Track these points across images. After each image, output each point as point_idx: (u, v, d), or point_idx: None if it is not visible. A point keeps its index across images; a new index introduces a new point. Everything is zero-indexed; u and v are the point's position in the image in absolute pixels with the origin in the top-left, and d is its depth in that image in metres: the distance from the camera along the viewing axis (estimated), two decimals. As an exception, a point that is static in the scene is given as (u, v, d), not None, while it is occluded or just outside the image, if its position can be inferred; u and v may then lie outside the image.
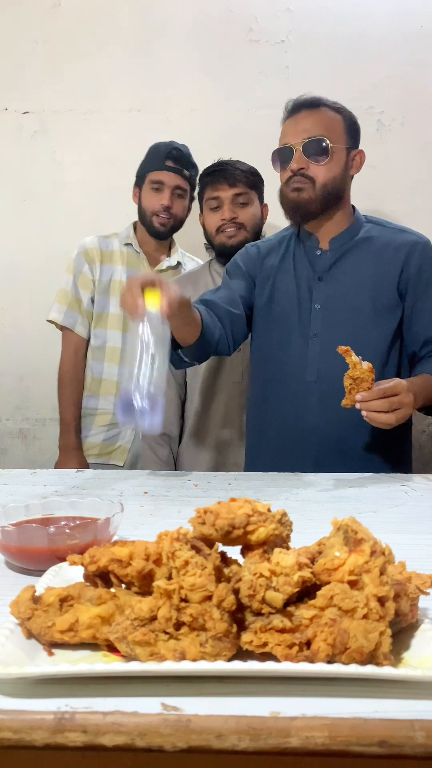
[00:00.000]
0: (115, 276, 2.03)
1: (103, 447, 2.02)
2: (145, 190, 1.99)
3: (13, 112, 2.43)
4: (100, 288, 2.03)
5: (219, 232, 1.86)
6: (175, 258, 2.10)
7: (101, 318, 2.03)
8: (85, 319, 2.04)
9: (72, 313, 2.03)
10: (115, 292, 2.02)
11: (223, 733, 0.48)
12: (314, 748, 0.48)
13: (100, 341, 2.03)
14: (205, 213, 1.90)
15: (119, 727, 0.48)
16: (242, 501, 0.63)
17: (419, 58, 2.36)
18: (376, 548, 0.59)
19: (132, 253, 2.06)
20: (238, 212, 1.85)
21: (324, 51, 2.36)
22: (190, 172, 2.00)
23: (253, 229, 1.88)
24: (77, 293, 2.03)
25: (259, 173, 1.89)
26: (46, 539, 0.78)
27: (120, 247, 2.06)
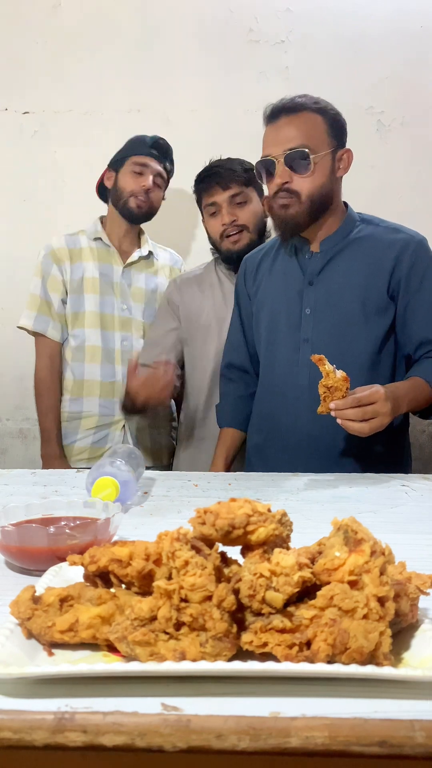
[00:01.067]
0: (87, 273, 1.99)
1: (92, 450, 1.98)
2: (125, 173, 1.95)
3: (13, 112, 2.43)
4: (72, 287, 1.98)
5: (223, 238, 1.83)
6: (146, 248, 2.06)
7: (77, 318, 1.98)
8: (57, 322, 1.99)
9: (43, 317, 1.99)
10: (88, 290, 1.98)
11: (223, 733, 0.48)
12: (314, 748, 0.48)
13: (78, 341, 1.99)
14: (206, 219, 1.88)
15: (119, 727, 0.48)
16: (242, 501, 0.63)
17: (419, 58, 2.36)
18: (376, 548, 0.59)
19: (102, 247, 2.02)
20: (237, 214, 1.81)
21: (324, 51, 2.37)
22: (170, 168, 2.00)
23: (257, 228, 1.84)
24: (47, 296, 1.98)
25: (252, 167, 1.79)
26: (46, 539, 0.78)
27: (89, 243, 2.01)
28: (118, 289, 2.01)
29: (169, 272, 2.11)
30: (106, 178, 2.01)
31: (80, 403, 1.99)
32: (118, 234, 2.03)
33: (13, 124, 2.43)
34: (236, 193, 1.80)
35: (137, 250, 2.05)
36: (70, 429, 2.00)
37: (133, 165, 1.95)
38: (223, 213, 1.80)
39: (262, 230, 1.86)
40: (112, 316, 1.99)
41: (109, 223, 2.04)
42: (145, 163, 1.94)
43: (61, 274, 1.99)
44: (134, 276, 2.04)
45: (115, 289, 2.01)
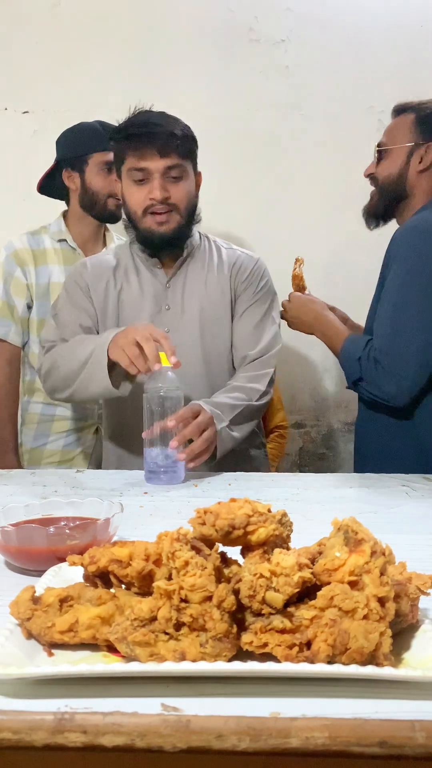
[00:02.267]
0: (53, 278, 1.90)
1: (63, 453, 1.94)
2: (92, 173, 1.87)
3: (12, 111, 2.43)
4: (38, 292, 1.89)
5: (146, 215, 1.51)
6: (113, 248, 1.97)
7: (44, 324, 1.85)
8: (20, 326, 1.90)
9: (4, 321, 1.89)
10: (54, 295, 1.83)
11: (224, 734, 0.48)
12: (314, 748, 0.48)
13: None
14: (126, 184, 1.53)
15: (119, 727, 0.48)
16: (242, 501, 0.62)
17: (419, 58, 2.36)
18: (377, 548, 0.59)
19: (67, 249, 1.93)
20: (170, 190, 1.50)
21: (324, 51, 2.37)
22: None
23: (187, 210, 1.55)
24: (10, 300, 1.89)
25: (194, 135, 1.57)
26: (46, 539, 0.78)
27: (52, 245, 1.93)
28: None
29: None
30: (67, 177, 1.91)
31: (52, 408, 1.94)
32: (84, 234, 1.95)
33: (12, 123, 2.43)
34: (174, 164, 1.49)
35: (103, 251, 1.95)
36: (41, 432, 1.95)
37: (99, 164, 1.86)
38: (155, 185, 1.48)
39: (192, 214, 1.57)
40: None
41: (74, 223, 1.95)
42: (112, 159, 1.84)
43: (25, 277, 1.90)
44: None
45: None
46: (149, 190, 1.49)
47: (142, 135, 1.47)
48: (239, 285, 1.62)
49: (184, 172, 1.52)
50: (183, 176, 1.52)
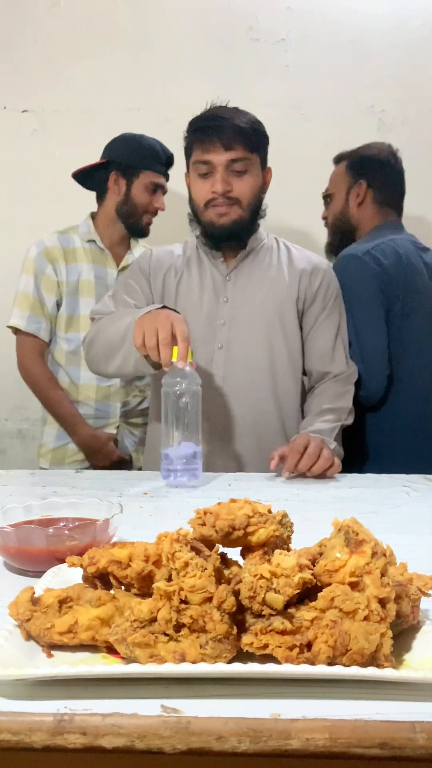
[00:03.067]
0: (83, 276, 1.94)
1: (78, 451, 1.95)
2: (139, 187, 1.92)
3: (12, 111, 2.42)
4: (68, 289, 1.93)
5: (208, 207, 1.52)
6: (138, 251, 2.03)
7: (72, 321, 1.94)
8: (48, 323, 1.94)
9: (36, 317, 1.92)
10: (84, 293, 1.93)
11: (224, 735, 0.48)
12: (315, 750, 0.48)
13: (73, 345, 1.93)
14: (192, 178, 1.55)
15: (119, 729, 0.48)
16: (242, 502, 0.62)
17: (420, 57, 2.36)
18: (378, 549, 0.58)
19: (96, 249, 1.98)
20: (233, 183, 1.50)
21: (324, 50, 2.36)
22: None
23: (250, 204, 1.53)
24: (40, 296, 1.92)
25: (264, 130, 1.56)
26: (45, 540, 0.77)
27: (82, 244, 1.97)
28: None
29: None
30: (113, 181, 1.95)
31: (77, 405, 1.96)
32: (112, 237, 2.00)
33: (12, 122, 2.42)
34: (238, 158, 1.49)
35: (129, 253, 2.03)
36: (64, 431, 1.97)
37: (148, 182, 1.93)
38: (217, 178, 1.49)
39: (256, 209, 1.57)
40: None
41: (103, 224, 1.99)
42: (161, 183, 1.94)
43: (55, 274, 1.93)
44: None
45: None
46: (212, 183, 1.49)
47: (208, 128, 1.48)
48: (309, 290, 1.60)
49: (249, 165, 1.51)
50: (248, 170, 1.51)
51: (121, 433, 1.99)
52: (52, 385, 1.95)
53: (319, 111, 2.39)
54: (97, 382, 1.95)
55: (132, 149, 1.95)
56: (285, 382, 1.57)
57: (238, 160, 1.49)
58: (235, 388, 1.54)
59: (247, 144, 1.49)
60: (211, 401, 1.48)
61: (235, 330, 1.55)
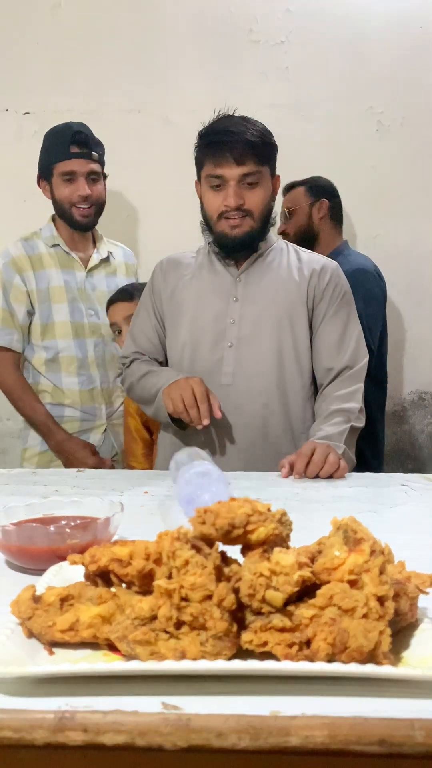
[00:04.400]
0: (52, 282, 1.91)
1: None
2: (57, 183, 1.87)
3: (13, 112, 2.43)
4: (39, 297, 1.90)
5: (221, 219, 1.55)
6: (104, 249, 2.01)
7: (47, 329, 1.91)
8: (20, 334, 1.91)
9: (7, 329, 1.90)
10: (55, 299, 1.91)
11: (224, 732, 0.48)
12: (314, 747, 0.48)
13: (52, 353, 1.92)
14: (205, 191, 1.57)
15: (119, 726, 0.49)
16: (242, 500, 0.63)
17: (419, 58, 2.37)
18: (376, 548, 0.59)
19: (61, 253, 1.95)
20: (245, 196, 1.52)
21: (324, 51, 2.37)
22: (99, 152, 1.90)
23: (261, 215, 1.57)
24: (10, 308, 1.89)
25: (273, 140, 1.57)
26: (47, 539, 0.78)
27: (47, 249, 1.94)
28: (84, 295, 1.96)
29: (126, 269, 2.06)
30: (43, 189, 1.94)
31: (61, 408, 1.95)
32: (73, 238, 1.97)
33: (13, 124, 2.43)
34: (250, 172, 1.51)
35: (95, 253, 1.99)
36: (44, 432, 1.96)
37: (61, 175, 1.86)
38: (230, 192, 1.51)
39: (266, 219, 1.59)
40: (83, 324, 1.95)
41: (61, 228, 1.96)
42: (72, 170, 1.85)
43: (24, 284, 1.90)
44: (96, 279, 1.99)
45: (80, 295, 1.95)
46: (224, 196, 1.52)
47: (219, 143, 1.50)
48: (318, 288, 1.60)
49: (260, 178, 1.54)
50: (259, 182, 1.54)
51: (108, 435, 1.99)
52: (26, 394, 1.93)
53: (318, 112, 2.39)
54: (80, 387, 1.94)
55: (43, 150, 1.93)
56: (292, 380, 1.58)
57: (250, 174, 1.51)
58: (243, 385, 1.57)
59: (258, 157, 1.51)
60: (221, 399, 1.51)
61: (244, 328, 1.58)
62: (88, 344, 1.96)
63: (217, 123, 1.56)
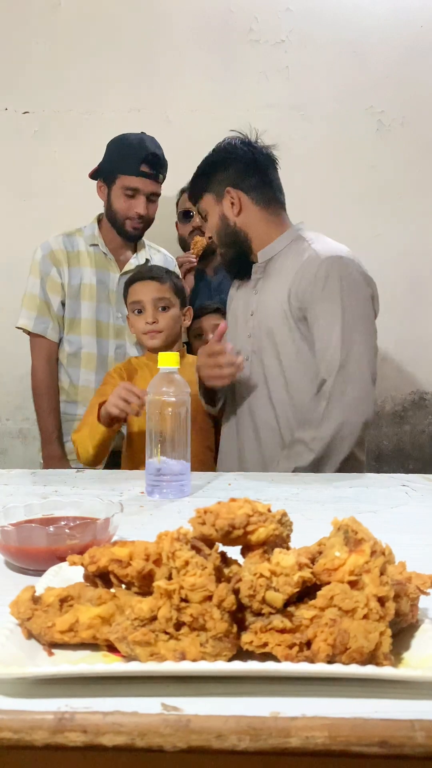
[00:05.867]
0: (85, 279, 1.97)
1: None
2: (117, 193, 1.91)
3: (13, 112, 2.43)
4: (70, 292, 1.97)
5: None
6: (143, 255, 2.04)
7: (73, 324, 1.98)
8: (56, 323, 1.98)
9: (42, 318, 1.97)
10: (85, 296, 1.97)
11: (223, 733, 0.48)
12: (314, 748, 0.48)
13: (74, 348, 1.98)
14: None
15: (119, 727, 0.48)
16: (242, 501, 0.62)
17: (419, 58, 2.37)
18: (377, 548, 0.59)
19: (99, 254, 2.00)
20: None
21: (324, 51, 2.37)
22: (164, 175, 1.94)
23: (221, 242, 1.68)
24: (46, 298, 1.96)
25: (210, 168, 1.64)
26: (46, 539, 0.78)
27: (86, 248, 1.99)
28: (114, 297, 2.00)
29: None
30: (98, 188, 1.98)
31: (75, 406, 2.00)
32: (114, 241, 2.01)
33: (13, 123, 2.43)
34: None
35: (134, 258, 2.04)
36: (65, 430, 2.00)
37: (124, 188, 1.90)
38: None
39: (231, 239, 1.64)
40: (108, 324, 2.00)
41: (105, 230, 2.02)
42: (137, 187, 1.89)
43: (59, 276, 1.97)
44: None
45: (110, 296, 2.00)
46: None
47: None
48: (300, 288, 1.52)
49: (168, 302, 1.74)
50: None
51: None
52: (48, 395, 1.98)
53: (319, 111, 2.39)
54: (95, 386, 1.97)
55: (111, 153, 1.95)
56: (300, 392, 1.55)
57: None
58: (259, 401, 1.61)
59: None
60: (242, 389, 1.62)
61: (256, 343, 1.62)
62: (110, 345, 2.00)
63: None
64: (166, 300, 1.73)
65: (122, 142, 1.93)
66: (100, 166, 1.97)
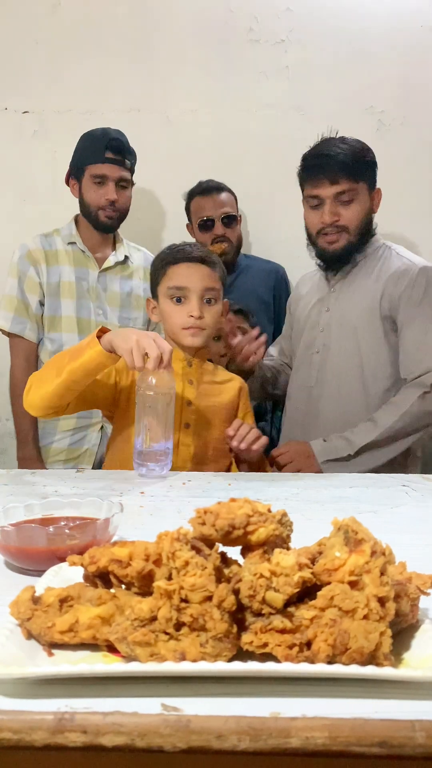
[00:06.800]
0: (64, 277, 1.98)
1: (69, 452, 1.98)
2: (87, 184, 1.94)
3: (12, 111, 2.43)
4: (49, 291, 1.97)
5: (320, 236, 1.69)
6: (122, 252, 2.05)
7: (54, 322, 1.97)
8: (34, 323, 1.98)
9: (20, 318, 1.97)
10: (65, 294, 1.97)
11: (224, 734, 0.48)
12: (314, 748, 0.48)
13: (56, 346, 1.97)
14: (305, 209, 1.72)
15: (119, 727, 0.48)
16: (242, 501, 0.62)
17: (419, 58, 2.36)
18: (377, 548, 0.59)
19: (77, 251, 2.00)
20: (340, 212, 1.65)
21: (324, 51, 2.36)
22: (131, 161, 1.96)
23: (358, 230, 1.68)
24: (24, 297, 1.96)
25: (370, 156, 1.69)
26: (46, 539, 0.78)
27: (64, 246, 2.00)
28: (94, 294, 2.00)
29: (144, 274, 2.07)
30: (71, 186, 2.00)
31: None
32: (92, 238, 2.02)
33: (12, 123, 2.43)
34: (343, 190, 1.63)
35: (112, 255, 2.04)
36: (48, 430, 1.99)
37: (92, 177, 1.92)
38: (325, 210, 1.64)
39: (365, 231, 1.70)
40: (89, 321, 1.99)
41: (82, 227, 2.02)
42: (104, 173, 1.91)
43: (37, 275, 1.97)
44: (109, 280, 2.03)
45: (90, 293, 2.00)
46: (321, 215, 1.66)
47: (315, 166, 1.65)
48: (393, 295, 1.64)
49: (355, 195, 1.65)
50: (353, 200, 1.65)
51: (105, 434, 1.99)
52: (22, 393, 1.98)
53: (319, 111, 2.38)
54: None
55: (77, 149, 1.98)
56: (375, 386, 1.66)
57: (344, 192, 1.64)
58: (326, 390, 1.68)
59: (352, 176, 1.63)
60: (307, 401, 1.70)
61: (331, 339, 1.71)
62: None
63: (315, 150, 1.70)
64: (215, 291, 1.46)
65: (86, 136, 1.97)
66: (70, 167, 1.99)
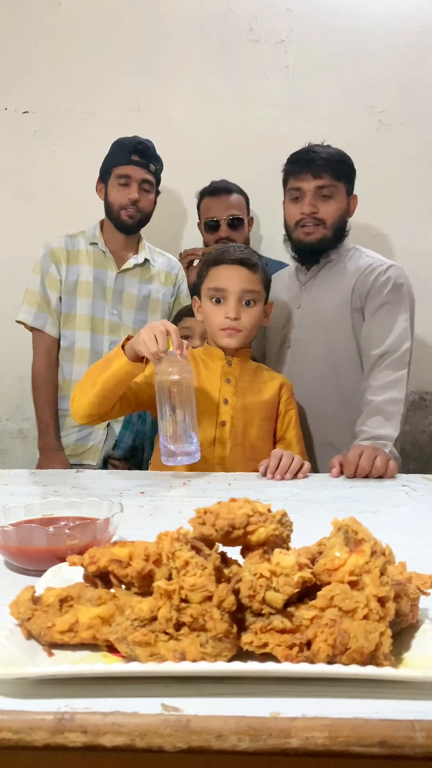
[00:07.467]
0: (82, 276, 2.02)
1: (75, 447, 2.01)
2: (112, 185, 1.98)
3: (12, 111, 2.43)
4: (66, 288, 2.02)
5: (297, 227, 1.74)
6: (142, 255, 2.08)
7: (69, 319, 2.02)
8: (55, 318, 2.03)
9: (41, 314, 2.02)
10: (82, 293, 2.01)
11: (224, 734, 0.48)
12: (314, 748, 0.48)
13: (68, 342, 2.02)
14: (286, 203, 1.79)
15: (119, 727, 0.48)
16: (242, 501, 0.62)
17: (419, 58, 2.36)
18: (377, 548, 0.59)
19: (98, 252, 2.04)
20: (319, 206, 1.71)
21: (324, 51, 2.36)
22: (156, 167, 2.00)
23: (333, 227, 1.74)
24: (45, 293, 2.02)
25: (351, 164, 1.76)
26: (46, 539, 0.78)
27: (86, 247, 2.04)
28: (110, 294, 2.03)
29: (165, 278, 2.11)
30: (98, 189, 2.04)
31: (67, 401, 1.97)
32: (115, 241, 2.05)
33: (12, 123, 2.42)
34: (325, 185, 1.70)
35: (132, 257, 2.06)
36: (60, 425, 2.03)
37: (117, 177, 1.97)
38: (305, 202, 1.71)
39: (339, 229, 1.76)
40: (102, 320, 2.02)
41: (106, 230, 2.07)
42: (128, 174, 1.96)
43: (58, 273, 2.02)
44: (127, 282, 2.05)
45: (107, 293, 2.03)
46: (301, 206, 1.72)
47: (301, 161, 1.72)
48: (362, 290, 1.70)
49: (333, 192, 1.71)
50: (332, 196, 1.72)
51: (111, 432, 2.00)
52: (45, 387, 2.03)
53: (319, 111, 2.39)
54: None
55: (107, 154, 2.03)
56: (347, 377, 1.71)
57: (325, 186, 1.70)
58: (297, 382, 1.69)
59: (335, 172, 1.71)
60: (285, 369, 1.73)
61: (304, 334, 1.76)
62: (104, 341, 2.02)
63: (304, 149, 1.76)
64: (255, 294, 1.50)
65: (116, 142, 2.02)
66: (99, 172, 2.04)
